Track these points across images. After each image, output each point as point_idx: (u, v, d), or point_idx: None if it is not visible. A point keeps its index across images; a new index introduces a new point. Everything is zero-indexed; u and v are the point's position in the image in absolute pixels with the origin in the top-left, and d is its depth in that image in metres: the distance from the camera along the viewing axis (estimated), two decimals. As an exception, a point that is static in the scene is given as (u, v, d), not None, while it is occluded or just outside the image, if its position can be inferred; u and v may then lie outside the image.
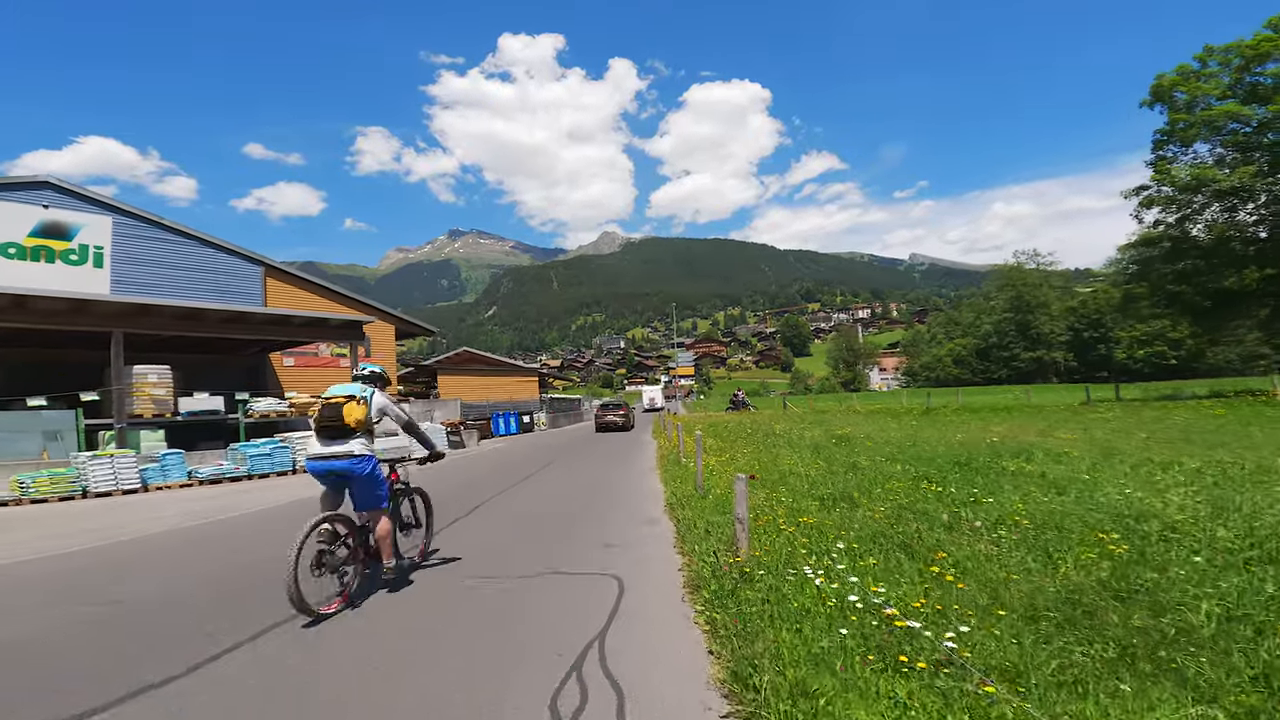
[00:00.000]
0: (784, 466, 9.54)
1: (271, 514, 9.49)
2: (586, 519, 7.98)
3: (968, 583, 3.78)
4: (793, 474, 8.93)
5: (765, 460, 10.64)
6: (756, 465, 10.05)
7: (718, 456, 11.57)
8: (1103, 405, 23.73)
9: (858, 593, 3.63)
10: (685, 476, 9.82)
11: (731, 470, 9.75)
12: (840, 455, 10.46)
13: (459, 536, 7.07)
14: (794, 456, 10.71)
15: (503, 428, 33.50)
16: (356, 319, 20.02)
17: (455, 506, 9.01)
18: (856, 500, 6.57)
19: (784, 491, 7.43)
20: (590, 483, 11.44)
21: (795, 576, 4.08)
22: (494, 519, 8.15)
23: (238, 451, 16.32)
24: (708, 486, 8.40)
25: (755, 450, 12.38)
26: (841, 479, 7.87)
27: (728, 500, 7.22)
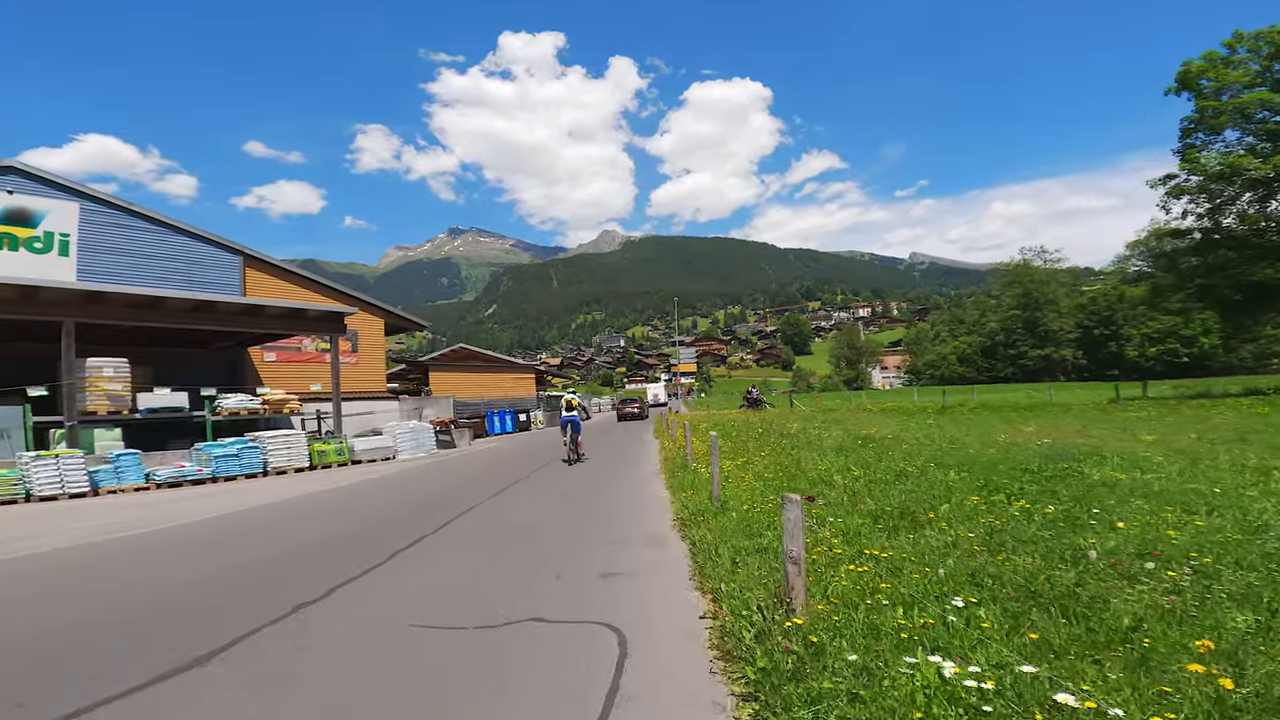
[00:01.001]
0: (812, 473, 8.13)
1: (203, 529, 8.05)
2: (580, 537, 6.58)
3: (1179, 659, 2.38)
4: (823, 482, 7.53)
5: (786, 464, 9.24)
6: (779, 471, 8.65)
7: (731, 460, 10.17)
8: (1133, 404, 22.35)
9: (1007, 681, 2.24)
10: (696, 485, 8.42)
11: (749, 476, 8.35)
12: (874, 459, 9.06)
13: (420, 560, 5.67)
14: (821, 461, 9.30)
15: (498, 426, 32.09)
16: (337, 310, 18.62)
17: (426, 519, 7.63)
18: (921, 519, 5.17)
19: (824, 506, 6.02)
20: (587, 489, 10.05)
21: (889, 647, 2.69)
22: (468, 536, 6.75)
23: (202, 452, 14.93)
24: (725, 497, 6.99)
25: (773, 453, 10.97)
26: (892, 491, 6.46)
27: (755, 519, 5.82)
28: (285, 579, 5.21)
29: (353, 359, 26.95)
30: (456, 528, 7.23)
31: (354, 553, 6.07)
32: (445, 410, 30.33)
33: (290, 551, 6.42)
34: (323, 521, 8.15)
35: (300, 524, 8.09)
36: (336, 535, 7.15)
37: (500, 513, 8.19)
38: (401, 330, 31.85)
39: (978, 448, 9.70)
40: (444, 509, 8.51)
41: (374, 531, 7.23)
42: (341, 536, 7.06)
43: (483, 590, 4.74)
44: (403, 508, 9.01)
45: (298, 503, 10.06)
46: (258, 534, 7.44)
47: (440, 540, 6.60)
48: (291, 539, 7.10)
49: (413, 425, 19.52)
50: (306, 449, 16.17)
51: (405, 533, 6.92)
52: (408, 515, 8.28)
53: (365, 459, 17.54)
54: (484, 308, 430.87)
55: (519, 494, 9.87)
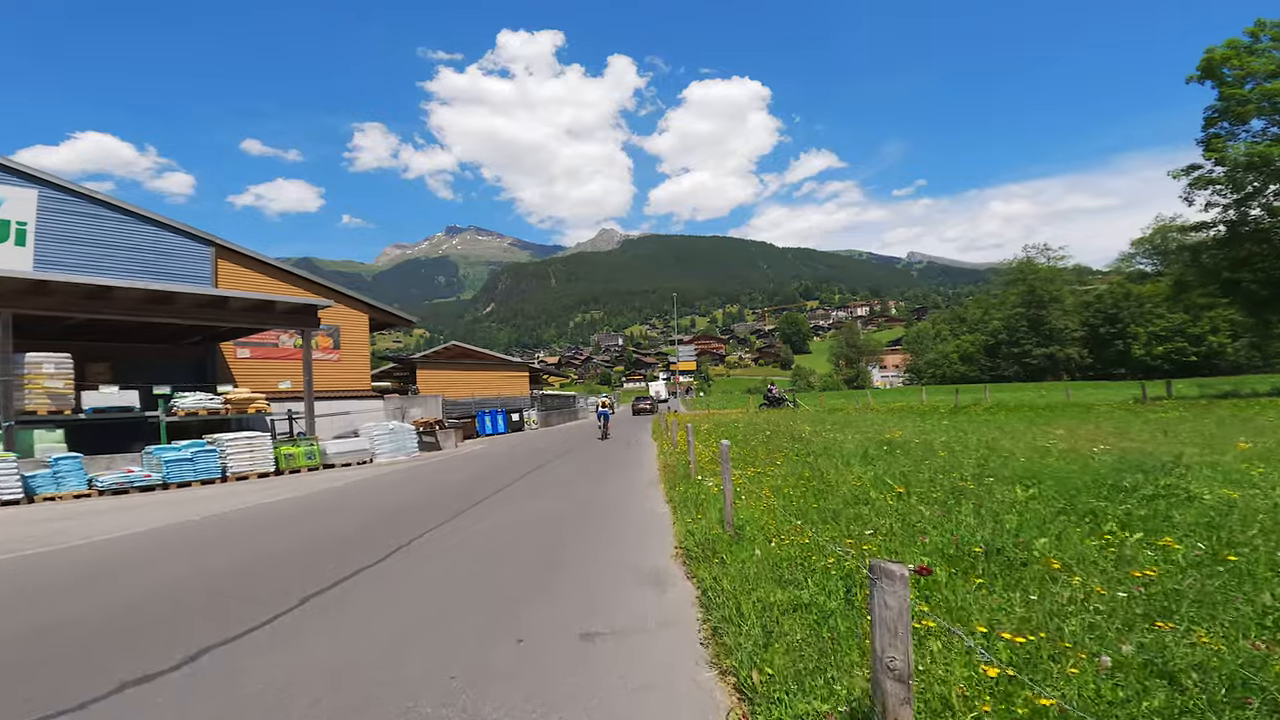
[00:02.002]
0: (842, 487, 6.77)
1: (85, 555, 6.62)
2: (558, 570, 5.22)
3: None
4: (858, 499, 6.18)
5: (807, 476, 7.89)
6: (800, 485, 7.30)
7: (740, 469, 8.83)
8: (1160, 403, 21.05)
9: None
10: (702, 502, 7.07)
11: (764, 491, 7.00)
12: (911, 468, 7.70)
13: (333, 615, 4.29)
14: (847, 470, 7.94)
15: (489, 427, 30.71)
16: (309, 302, 17.21)
17: (373, 543, 6.25)
18: (1014, 557, 3.82)
19: (872, 536, 4.67)
20: (574, 503, 8.68)
21: None
22: (416, 570, 5.39)
23: (153, 456, 13.55)
24: (740, 521, 5.63)
25: (787, 461, 9.62)
26: (957, 515, 5.10)
27: (784, 555, 4.47)
28: (99, 652, 3.75)
29: (334, 356, 25.56)
30: (405, 557, 5.86)
31: (247, 599, 4.70)
32: (434, 410, 28.95)
33: (160, 595, 5.03)
34: (239, 546, 6.77)
35: (209, 549, 6.70)
36: (243, 567, 5.77)
37: (466, 535, 6.82)
38: (388, 326, 30.42)
39: (1026, 455, 8.35)
40: (401, 528, 7.15)
41: (296, 561, 5.86)
42: (245, 569, 5.68)
43: (407, 667, 3.37)
44: (352, 526, 7.64)
45: (231, 519, 8.68)
46: (135, 568, 5.99)
47: (376, 577, 5.21)
48: (180, 571, 5.72)
49: (392, 426, 18.13)
50: (272, 452, 14.79)
51: (336, 565, 5.56)
52: (354, 536, 6.92)
53: (339, 463, 16.16)
54: (482, 306, 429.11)
55: (494, 509, 8.50)
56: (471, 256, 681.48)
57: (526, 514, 7.93)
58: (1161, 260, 78.26)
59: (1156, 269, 78.96)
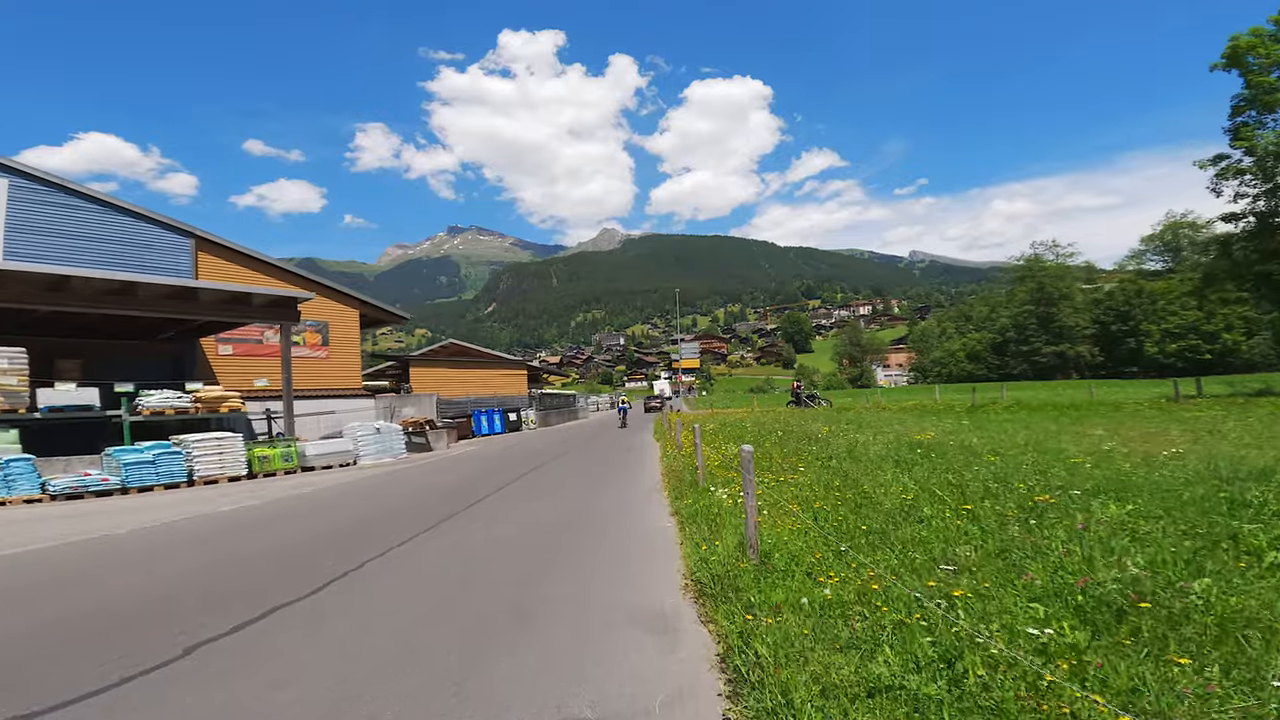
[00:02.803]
0: (887, 500, 5.63)
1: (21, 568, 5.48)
2: (537, 606, 4.09)
3: None
4: (906, 514, 5.05)
5: (839, 486, 6.75)
6: (832, 495, 6.16)
7: (757, 476, 7.66)
8: (1194, 402, 19.86)
9: None
10: (715, 516, 5.93)
11: (789, 503, 5.85)
12: (960, 476, 6.56)
13: (209, 670, 3.14)
14: (882, 477, 6.80)
15: (485, 427, 29.61)
16: (289, 295, 16.10)
17: (316, 565, 5.11)
18: (1176, 606, 2.68)
19: (953, 574, 3.52)
20: (565, 512, 7.55)
21: None
22: (352, 608, 4.25)
23: (112, 458, 12.46)
24: (767, 546, 4.49)
25: (810, 465, 8.47)
26: (1058, 543, 3.94)
27: (835, 597, 3.32)
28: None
29: (323, 353, 24.48)
30: (339, 593, 4.72)
31: (129, 643, 3.58)
32: (427, 409, 27.87)
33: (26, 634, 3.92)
34: (132, 571, 5.63)
35: (90, 579, 5.56)
36: (107, 609, 4.64)
37: (428, 558, 5.69)
38: (381, 323, 29.32)
39: (1093, 461, 7.20)
40: (352, 548, 6.02)
41: (190, 599, 4.73)
42: (107, 613, 4.56)
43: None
44: (296, 543, 6.52)
45: (156, 534, 7.55)
46: (18, 598, 4.93)
47: (287, 627, 4.06)
48: (68, 605, 4.60)
49: (378, 426, 17.02)
50: (244, 454, 13.68)
51: (243, 604, 4.42)
52: (291, 557, 5.80)
53: (319, 465, 15.06)
54: (483, 306, 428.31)
55: (473, 520, 7.38)
56: (473, 256, 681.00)
57: (507, 529, 6.80)
58: (1172, 257, 77.12)
59: (1167, 265, 77.79)
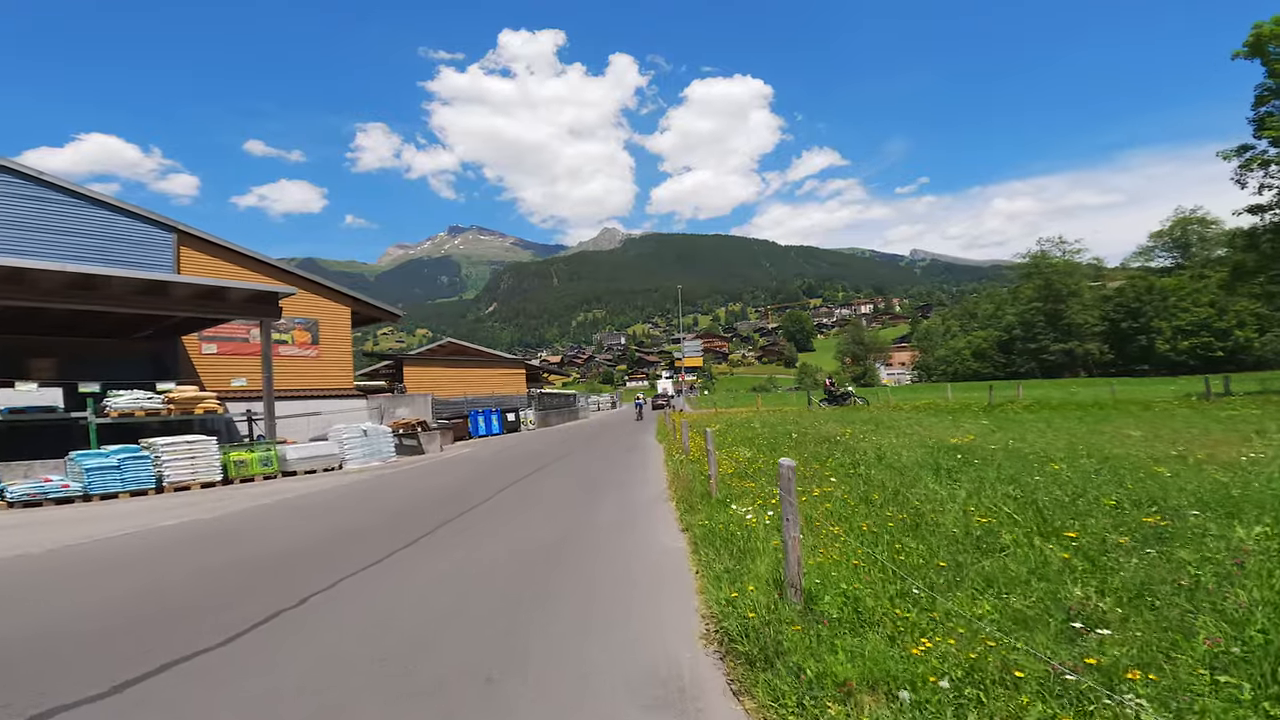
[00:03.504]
0: (946, 521, 4.66)
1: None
2: (512, 666, 3.12)
3: None
4: (980, 544, 4.09)
5: (880, 501, 5.79)
6: (872, 512, 5.20)
7: (775, 484, 6.70)
8: (1226, 401, 18.86)
9: None
10: (735, 537, 4.97)
11: (820, 518, 4.89)
12: (1020, 486, 5.59)
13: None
14: (929, 490, 5.83)
15: (482, 427, 28.68)
16: (268, 289, 15.15)
17: (253, 599, 4.16)
18: None
19: (1093, 641, 2.56)
20: (557, 533, 6.59)
21: None
22: (279, 664, 3.29)
23: (75, 463, 11.55)
24: (814, 584, 3.53)
25: (839, 475, 7.51)
26: (1196, 582, 2.97)
27: (930, 669, 2.35)
28: None
29: (313, 351, 23.56)
30: (271, 640, 3.77)
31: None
32: (422, 409, 26.94)
33: None
34: (51, 600, 4.71)
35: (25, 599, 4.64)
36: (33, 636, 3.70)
37: (391, 589, 4.74)
38: (375, 321, 28.37)
39: (1170, 470, 6.22)
40: (308, 570, 5.07)
41: (107, 638, 3.79)
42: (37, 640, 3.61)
43: None
44: (242, 566, 5.57)
45: (74, 555, 6.63)
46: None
47: (184, 686, 3.12)
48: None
49: (366, 428, 16.08)
50: (218, 458, 12.75)
51: (155, 647, 3.48)
52: (228, 588, 4.85)
53: (301, 470, 14.12)
54: (484, 306, 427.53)
55: (453, 538, 6.43)
56: (474, 256, 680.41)
57: (491, 549, 5.84)
58: (1182, 253, 75.96)
59: (1177, 262, 76.60)
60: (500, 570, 5.11)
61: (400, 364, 29.97)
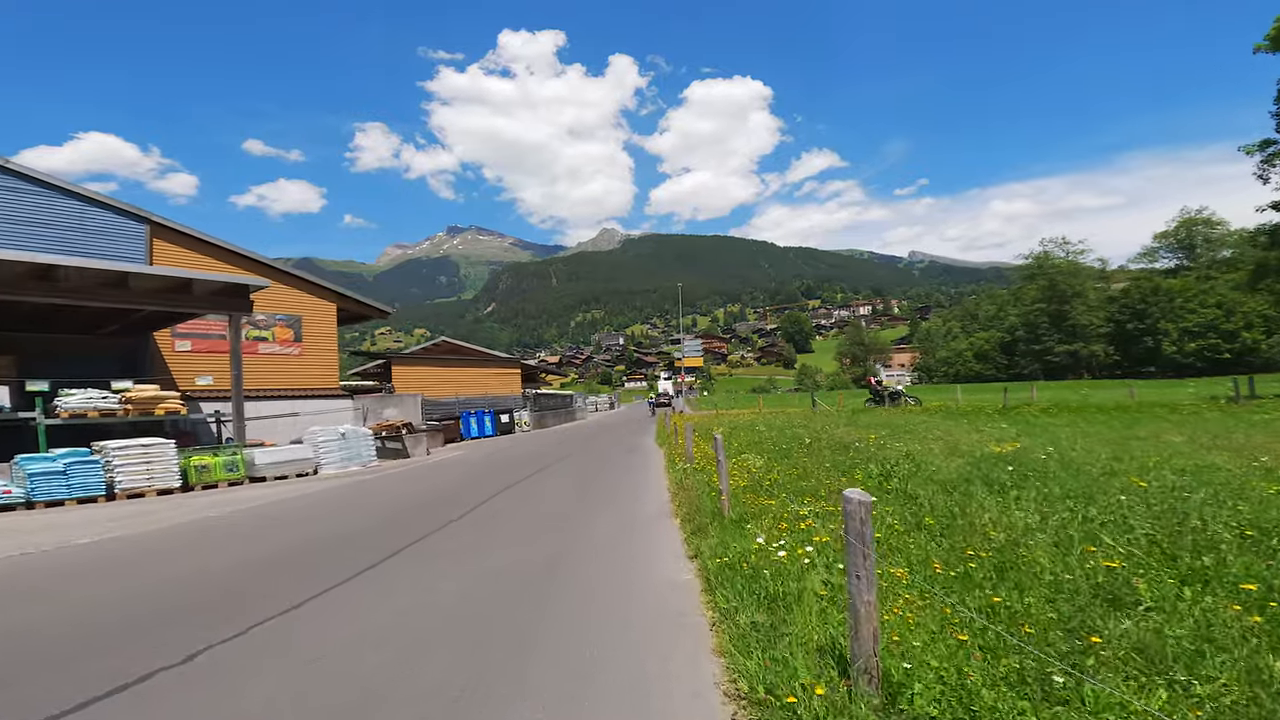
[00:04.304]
0: (1041, 560, 3.59)
1: None
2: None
3: None
4: (1099, 591, 3.05)
5: (937, 527, 4.73)
6: (938, 546, 4.14)
7: (803, 502, 5.67)
8: (1256, 404, 17.86)
9: None
10: (767, 584, 3.90)
11: (880, 549, 3.84)
12: (1105, 508, 4.55)
13: None
14: (1003, 516, 4.78)
15: (475, 429, 27.59)
16: (238, 281, 14.05)
17: (105, 656, 3.10)
18: None
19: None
20: (543, 557, 5.50)
21: None
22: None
23: (19, 467, 10.47)
24: (896, 660, 2.46)
25: (871, 489, 6.46)
26: None
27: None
28: None
29: (296, 349, 22.45)
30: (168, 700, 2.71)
31: None
32: (411, 410, 25.86)
33: None
34: None
35: None
36: None
37: (305, 648, 3.68)
38: (362, 318, 27.25)
39: (1256, 480, 5.18)
40: (218, 610, 4.00)
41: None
42: None
43: None
44: (139, 603, 4.49)
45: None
46: None
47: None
48: None
49: (345, 430, 14.99)
50: (176, 463, 11.66)
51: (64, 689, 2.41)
52: (105, 636, 3.78)
53: (271, 475, 13.02)
54: (483, 306, 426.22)
55: (412, 565, 5.36)
56: (473, 256, 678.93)
57: (446, 592, 4.74)
58: (1186, 254, 75.07)
59: (1181, 263, 75.73)
60: (461, 619, 4.04)
61: (389, 363, 28.87)
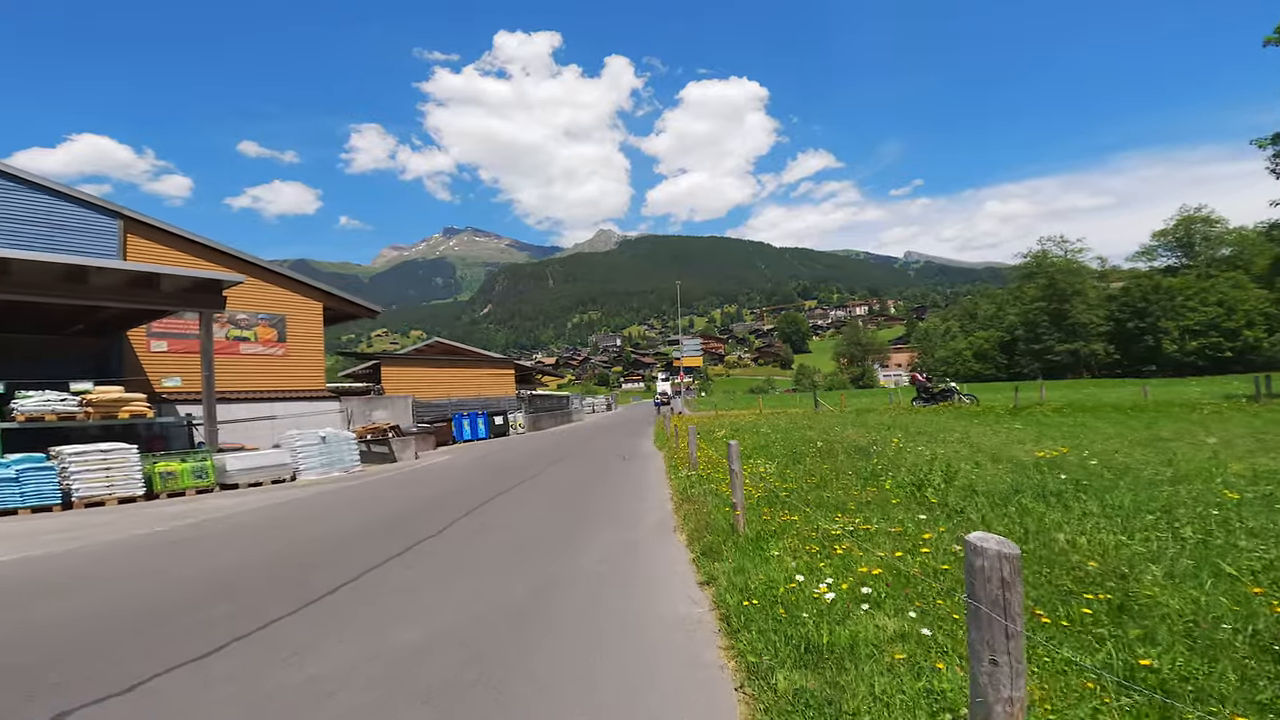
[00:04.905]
0: (1172, 605, 2.80)
1: None
2: None
3: None
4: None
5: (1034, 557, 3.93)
6: (1039, 584, 3.33)
7: (831, 518, 4.86)
8: (1278, 402, 17.18)
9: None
10: (798, 619, 3.10)
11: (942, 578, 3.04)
12: (1193, 529, 3.77)
13: None
14: (1092, 540, 3.99)
15: (467, 432, 26.77)
16: (210, 277, 13.17)
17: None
18: None
19: None
20: (524, 588, 4.67)
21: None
22: None
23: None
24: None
25: (914, 506, 5.67)
26: None
27: None
28: None
29: (279, 350, 21.58)
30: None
31: None
32: (402, 412, 25.03)
33: None
34: None
35: None
36: None
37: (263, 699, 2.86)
38: (350, 317, 26.37)
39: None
40: (104, 660, 3.20)
41: None
42: None
43: None
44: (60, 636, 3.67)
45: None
46: None
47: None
48: None
49: (325, 434, 14.14)
50: (139, 469, 10.81)
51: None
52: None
53: (244, 482, 12.16)
54: (479, 307, 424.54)
55: (366, 600, 4.55)
56: (469, 258, 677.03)
57: (408, 637, 3.93)
58: (1185, 252, 74.66)
59: (1180, 261, 75.33)
60: (423, 675, 3.23)
61: (378, 364, 27.99)
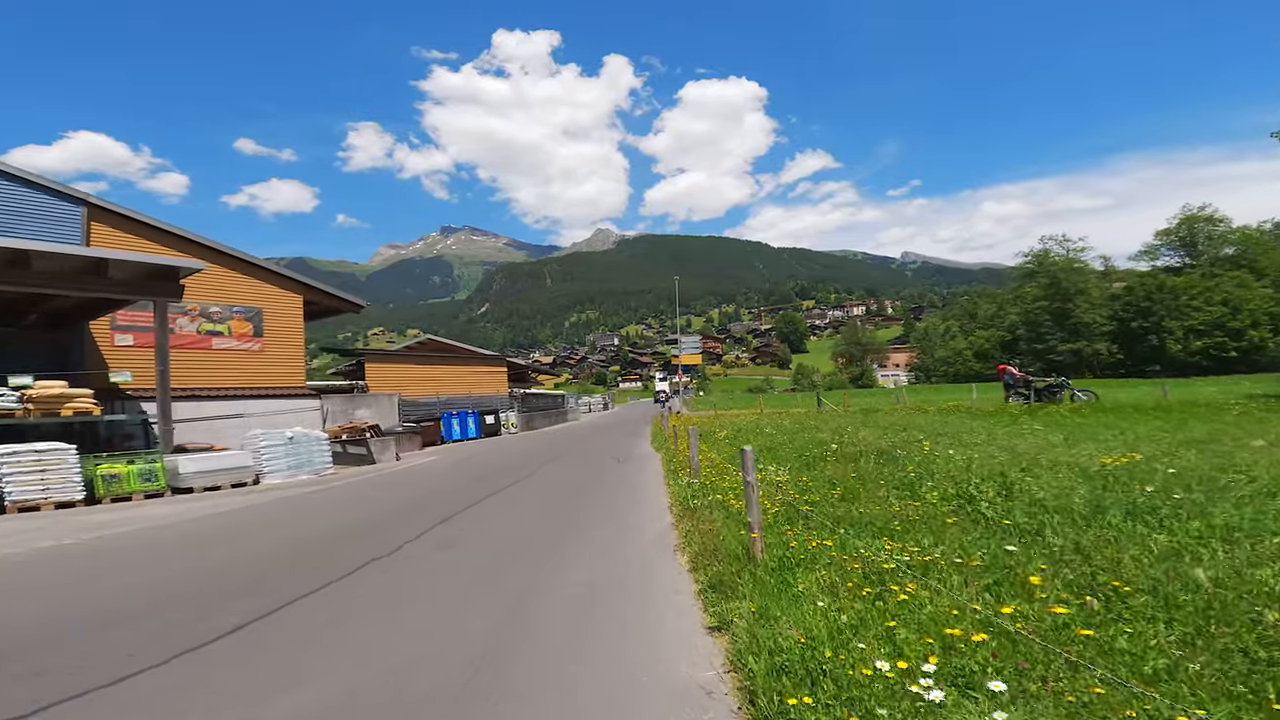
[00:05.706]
0: None
1: None
2: None
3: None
4: None
5: (1117, 588, 2.92)
6: (1199, 650, 2.32)
7: (874, 541, 3.84)
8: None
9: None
10: (859, 697, 2.08)
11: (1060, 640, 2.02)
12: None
13: None
14: (1242, 581, 2.97)
15: (456, 431, 25.69)
16: (165, 263, 12.10)
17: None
18: None
19: None
20: (483, 635, 3.65)
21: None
22: None
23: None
24: None
25: (965, 521, 4.65)
26: None
27: None
28: None
29: (255, 345, 20.49)
30: None
31: None
32: (387, 411, 23.98)
33: None
34: None
35: None
36: None
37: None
38: (333, 311, 25.28)
39: None
40: None
41: None
42: None
43: None
44: None
45: None
46: None
47: None
48: None
49: (293, 434, 13.07)
50: (79, 472, 9.74)
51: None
52: None
53: (200, 485, 11.09)
54: (476, 306, 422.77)
55: (293, 639, 3.52)
56: (467, 256, 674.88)
57: (337, 688, 2.92)
58: (1188, 252, 73.91)
59: (1183, 260, 74.60)
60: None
61: (361, 361, 26.91)
